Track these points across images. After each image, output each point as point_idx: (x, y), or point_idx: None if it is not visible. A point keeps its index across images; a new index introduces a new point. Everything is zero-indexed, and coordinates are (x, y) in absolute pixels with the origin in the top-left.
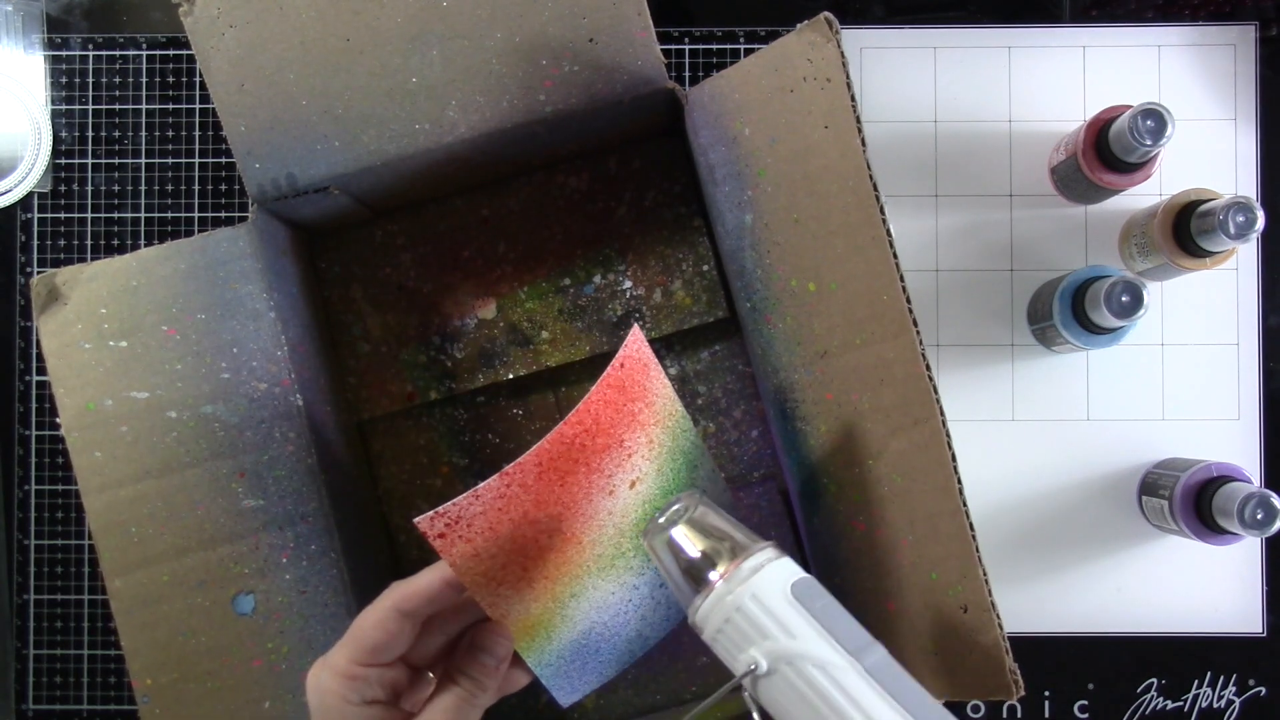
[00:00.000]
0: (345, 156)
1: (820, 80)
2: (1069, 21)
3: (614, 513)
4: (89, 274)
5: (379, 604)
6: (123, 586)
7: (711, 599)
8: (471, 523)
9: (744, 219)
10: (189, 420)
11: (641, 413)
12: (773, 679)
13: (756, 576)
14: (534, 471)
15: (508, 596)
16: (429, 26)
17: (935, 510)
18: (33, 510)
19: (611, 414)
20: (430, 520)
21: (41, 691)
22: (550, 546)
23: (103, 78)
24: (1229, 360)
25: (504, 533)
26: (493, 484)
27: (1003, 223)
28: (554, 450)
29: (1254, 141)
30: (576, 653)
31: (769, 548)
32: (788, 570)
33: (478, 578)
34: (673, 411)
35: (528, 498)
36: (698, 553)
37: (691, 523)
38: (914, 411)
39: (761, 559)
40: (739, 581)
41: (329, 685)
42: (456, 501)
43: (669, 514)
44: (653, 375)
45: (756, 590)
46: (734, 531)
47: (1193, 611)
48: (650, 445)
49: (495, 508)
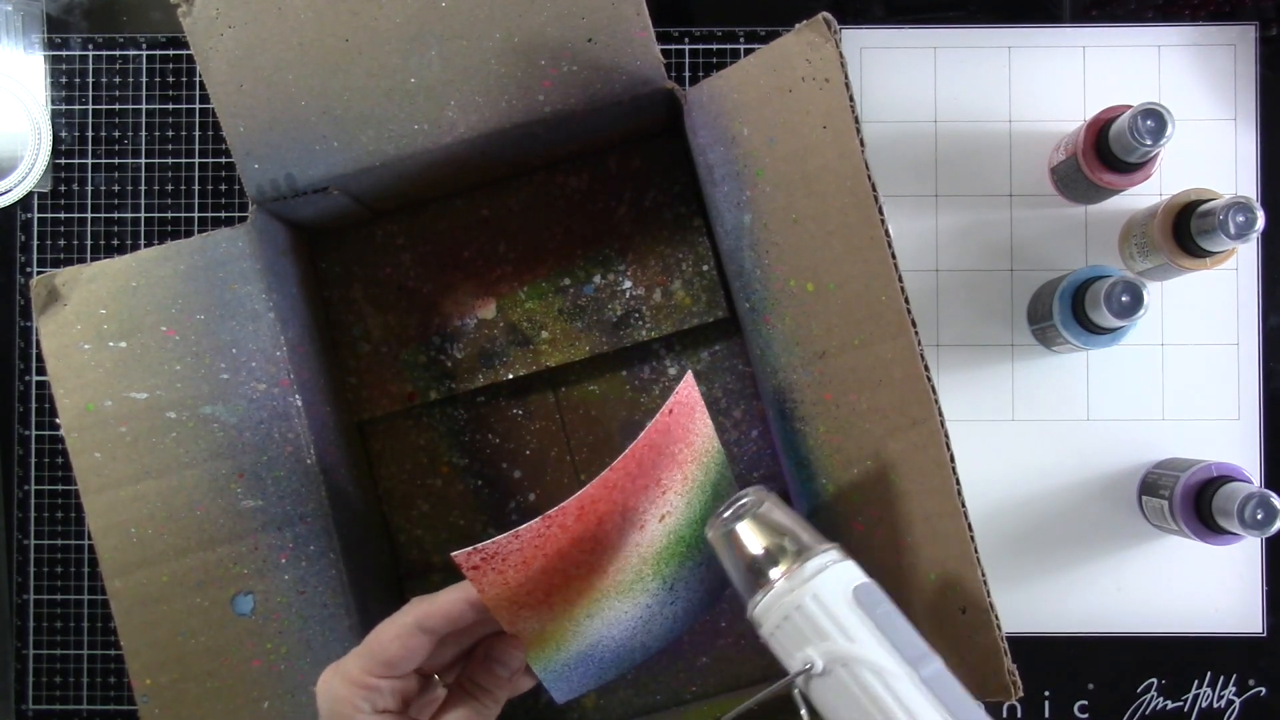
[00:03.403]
0: (344, 157)
1: (819, 80)
2: (1069, 21)
3: (640, 544)
4: (88, 275)
5: (400, 619)
6: (122, 587)
7: (771, 595)
8: (507, 559)
9: (743, 219)
10: (188, 421)
11: (681, 453)
12: (827, 680)
13: (819, 577)
14: (574, 514)
15: (527, 618)
16: (428, 27)
17: (934, 511)
18: (33, 510)
19: (654, 456)
20: (467, 555)
21: (41, 691)
22: (576, 576)
23: (103, 78)
24: (1229, 360)
25: (536, 567)
26: (535, 526)
27: (1003, 223)
28: (596, 494)
29: (1254, 141)
30: (581, 660)
31: (834, 549)
32: (851, 573)
33: (503, 603)
34: (710, 449)
35: (565, 537)
36: (761, 549)
37: (756, 518)
38: (912, 412)
39: (826, 560)
40: (801, 580)
41: (342, 693)
42: (496, 540)
43: (735, 508)
44: (697, 418)
45: (818, 590)
46: (799, 530)
47: (1193, 611)
48: (685, 482)
49: (532, 545)
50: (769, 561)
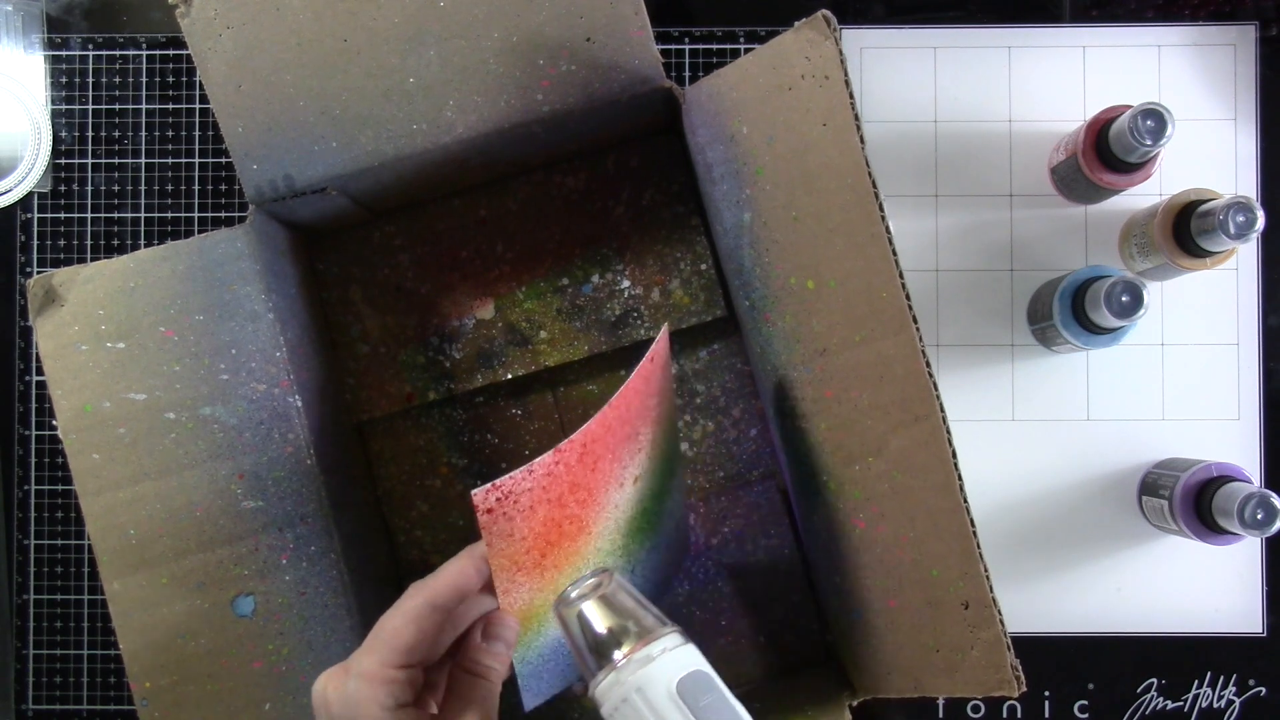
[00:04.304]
0: (343, 157)
1: (818, 78)
2: (1069, 21)
3: (619, 506)
4: (86, 275)
5: (405, 603)
6: (121, 589)
7: (608, 682)
8: (519, 500)
9: (742, 217)
10: (187, 422)
11: (655, 408)
12: None
13: (647, 668)
14: (578, 452)
15: (521, 584)
16: (426, 27)
17: (936, 507)
18: (33, 510)
19: (638, 404)
20: (485, 493)
21: (41, 691)
22: (565, 535)
23: (103, 78)
24: (1229, 360)
25: (538, 516)
26: (546, 460)
27: (1003, 223)
28: (596, 433)
29: (1254, 141)
30: (554, 651)
31: (670, 634)
32: (680, 662)
33: (504, 561)
34: (671, 414)
35: (567, 479)
36: (604, 630)
37: (603, 599)
38: (914, 408)
39: (656, 649)
40: (632, 669)
41: (362, 693)
42: (512, 475)
43: (582, 587)
44: (668, 374)
45: (643, 683)
46: (642, 614)
47: (1193, 611)
48: (653, 444)
49: (541, 485)
50: (613, 643)
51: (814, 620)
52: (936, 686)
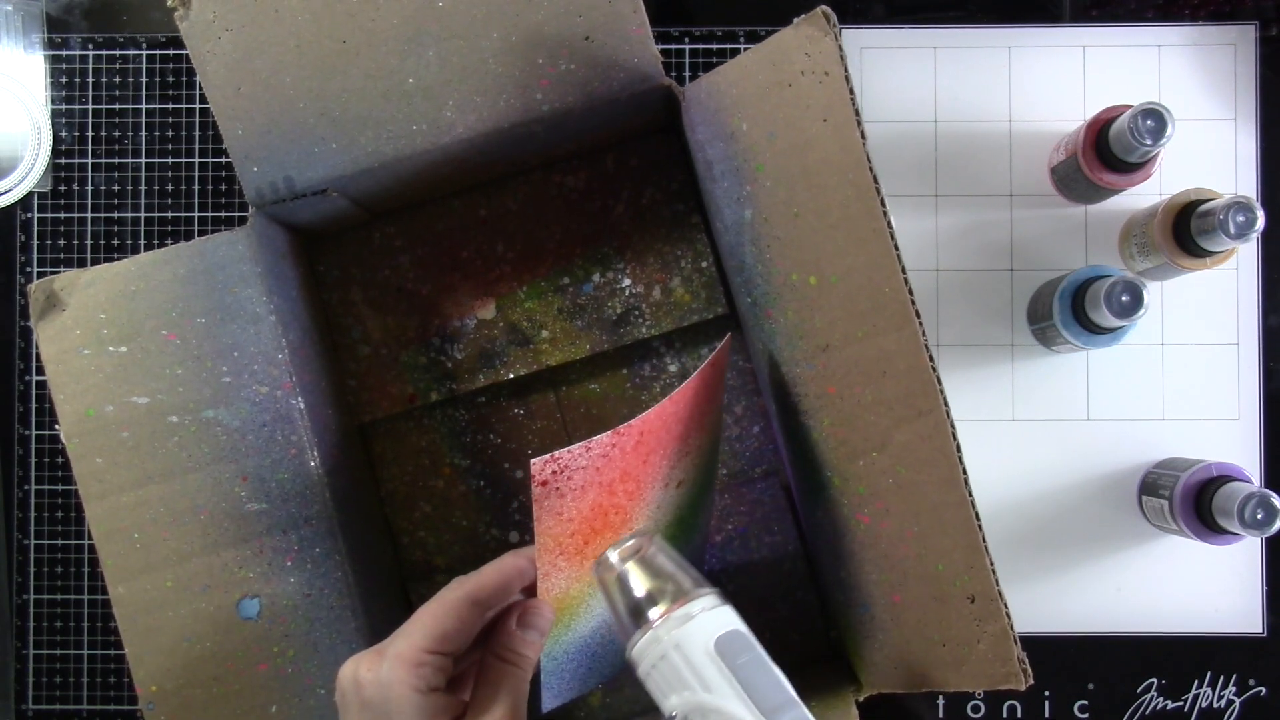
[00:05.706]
0: (343, 159)
1: (818, 74)
2: (1069, 21)
3: (660, 507)
4: (87, 280)
5: (447, 595)
6: (126, 593)
7: (645, 640)
8: (572, 477)
9: (743, 214)
10: (190, 425)
11: (707, 415)
12: None
13: (685, 626)
14: (635, 438)
15: (561, 569)
16: (425, 27)
17: (940, 501)
18: (33, 510)
19: (694, 406)
20: (544, 463)
21: (41, 691)
22: (609, 525)
23: (103, 78)
24: (1229, 360)
25: (587, 499)
26: (604, 439)
27: (1003, 223)
28: (653, 423)
29: (1254, 141)
30: (580, 650)
31: (709, 595)
32: (719, 621)
33: (549, 541)
34: (717, 428)
35: (620, 464)
36: (643, 592)
37: (642, 562)
38: (918, 403)
39: (695, 607)
40: (670, 628)
41: (397, 675)
42: (570, 449)
43: (621, 550)
44: (722, 386)
45: (681, 640)
46: (681, 576)
47: (1193, 611)
48: (700, 452)
49: (595, 465)
50: (649, 603)
51: (819, 616)
52: (943, 680)
